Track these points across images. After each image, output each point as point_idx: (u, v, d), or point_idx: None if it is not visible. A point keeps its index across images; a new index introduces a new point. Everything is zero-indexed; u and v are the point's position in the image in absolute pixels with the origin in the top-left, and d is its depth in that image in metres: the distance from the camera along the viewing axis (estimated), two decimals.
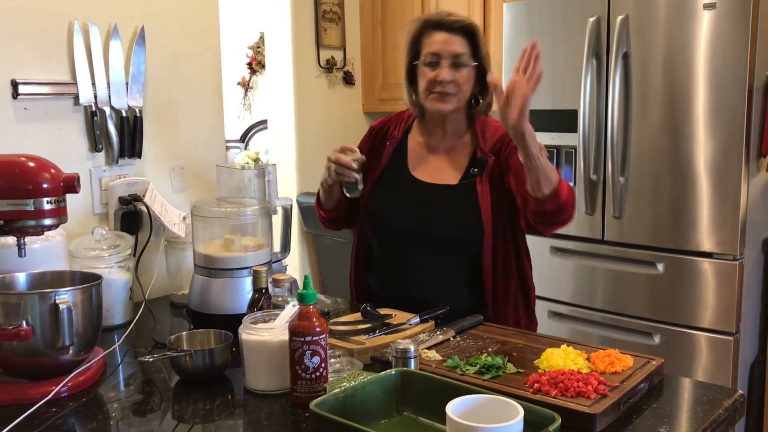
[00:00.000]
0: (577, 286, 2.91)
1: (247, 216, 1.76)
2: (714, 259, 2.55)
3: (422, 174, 1.87)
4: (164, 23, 2.13)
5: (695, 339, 2.60)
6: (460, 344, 1.54)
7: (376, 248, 1.90)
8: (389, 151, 1.91)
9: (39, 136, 1.88)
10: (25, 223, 1.41)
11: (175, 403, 1.39)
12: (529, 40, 2.93)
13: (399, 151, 1.91)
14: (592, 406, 1.19)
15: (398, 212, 1.84)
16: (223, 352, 1.44)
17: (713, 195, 2.52)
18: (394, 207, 1.85)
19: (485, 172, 1.80)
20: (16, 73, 1.82)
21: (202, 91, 2.25)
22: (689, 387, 1.40)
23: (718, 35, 2.44)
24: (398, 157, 1.91)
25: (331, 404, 1.15)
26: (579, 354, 1.40)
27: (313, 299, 1.31)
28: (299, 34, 3.96)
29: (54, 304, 1.37)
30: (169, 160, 2.17)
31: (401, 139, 1.93)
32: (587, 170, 2.79)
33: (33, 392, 1.36)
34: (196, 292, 1.72)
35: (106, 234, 1.85)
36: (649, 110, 2.63)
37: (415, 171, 1.88)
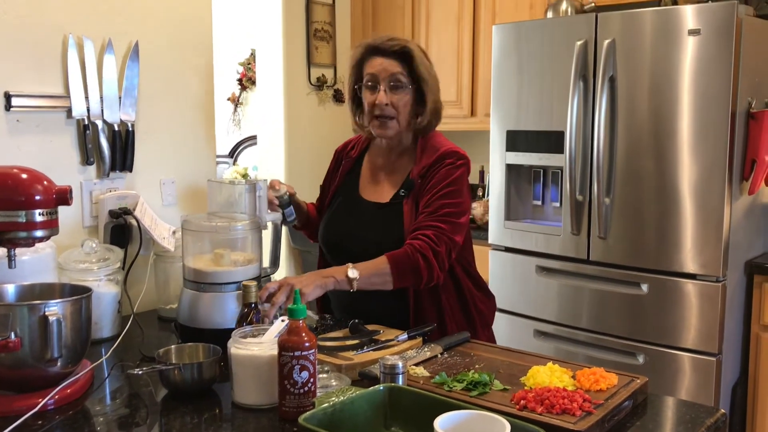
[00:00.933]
0: (562, 305, 2.93)
1: (237, 231, 1.77)
2: (697, 280, 2.58)
3: (367, 192, 1.97)
4: (158, 39, 2.15)
5: (678, 359, 2.62)
6: (447, 361, 1.55)
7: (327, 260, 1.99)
8: (344, 171, 2.03)
9: (31, 148, 1.89)
10: (16, 234, 1.41)
11: (162, 417, 1.39)
12: (518, 61, 2.99)
13: (353, 171, 2.02)
14: (578, 423, 1.21)
15: (336, 228, 1.95)
16: (211, 366, 1.45)
17: (697, 217, 2.56)
18: (335, 223, 1.97)
19: (411, 194, 1.87)
20: (9, 86, 1.83)
21: (194, 106, 2.27)
22: (672, 405, 1.42)
23: (702, 60, 2.50)
24: (352, 176, 2.02)
25: (320, 419, 1.16)
26: (565, 372, 1.42)
27: (302, 314, 1.33)
28: (290, 52, 3.99)
29: (43, 316, 1.37)
30: (159, 174, 2.18)
31: (357, 159, 2.02)
32: (573, 191, 2.82)
33: (19, 404, 1.35)
34: (184, 306, 1.73)
35: (95, 247, 1.85)
36: (635, 133, 2.67)
37: (363, 189, 1.98)
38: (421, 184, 1.86)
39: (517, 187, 3.12)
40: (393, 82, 1.84)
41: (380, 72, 1.84)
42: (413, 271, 1.75)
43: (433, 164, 1.86)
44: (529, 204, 3.12)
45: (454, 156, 1.87)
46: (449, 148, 1.88)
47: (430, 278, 1.77)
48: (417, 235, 1.78)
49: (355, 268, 1.70)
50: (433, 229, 1.78)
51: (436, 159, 1.86)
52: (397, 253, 1.75)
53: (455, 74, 3.80)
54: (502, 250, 3.13)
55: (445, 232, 1.78)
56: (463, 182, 1.86)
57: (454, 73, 3.80)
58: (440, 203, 1.81)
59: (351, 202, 1.97)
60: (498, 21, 3.51)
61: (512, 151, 3.05)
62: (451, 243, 1.79)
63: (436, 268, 1.76)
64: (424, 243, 1.75)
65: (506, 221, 3.10)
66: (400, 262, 1.74)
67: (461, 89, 3.80)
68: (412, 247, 1.75)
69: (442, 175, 1.84)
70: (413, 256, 1.74)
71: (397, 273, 1.74)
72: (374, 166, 1.99)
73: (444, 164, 1.85)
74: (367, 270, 1.71)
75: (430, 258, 1.75)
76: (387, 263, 1.74)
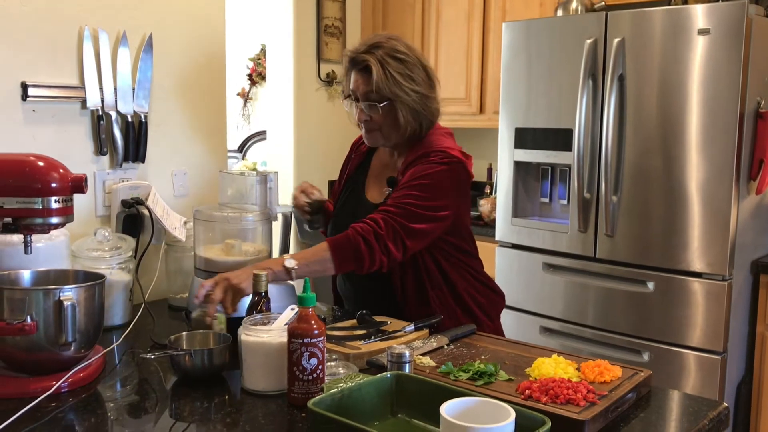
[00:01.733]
0: (568, 302, 2.95)
1: (248, 221, 1.80)
2: (703, 279, 2.59)
3: (370, 191, 1.97)
4: (172, 32, 2.17)
5: (683, 357, 2.64)
6: (453, 352, 1.57)
7: None
8: (353, 165, 2.03)
9: (46, 138, 1.92)
10: (32, 220, 1.44)
11: (173, 401, 1.42)
12: (527, 59, 3.00)
13: (362, 166, 2.02)
14: (582, 413, 1.23)
15: (340, 225, 1.89)
16: (221, 352, 1.47)
17: (704, 216, 2.57)
18: (339, 219, 1.96)
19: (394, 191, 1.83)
20: (26, 76, 1.86)
21: (206, 99, 2.29)
22: (675, 398, 1.43)
23: (712, 60, 2.51)
24: (360, 171, 2.01)
25: (328, 404, 1.18)
26: (569, 363, 1.43)
27: (312, 302, 1.35)
28: (301, 48, 4.02)
29: (58, 301, 1.40)
30: (171, 165, 2.21)
31: (366, 154, 2.02)
32: (581, 189, 2.84)
33: (34, 386, 1.39)
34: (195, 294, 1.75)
35: (108, 236, 1.88)
36: (643, 131, 2.69)
37: (368, 188, 1.98)
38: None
39: (525, 184, 3.13)
40: (365, 100, 1.81)
41: (356, 89, 1.82)
42: (354, 255, 1.69)
43: (414, 161, 1.81)
44: (537, 201, 3.13)
45: (440, 154, 1.79)
46: (438, 147, 1.81)
47: (372, 262, 1.70)
48: (364, 219, 1.74)
49: (292, 257, 1.66)
50: (382, 213, 1.73)
51: (419, 156, 1.81)
52: (338, 238, 1.71)
53: (464, 72, 3.82)
54: (509, 246, 3.15)
55: (394, 216, 1.72)
56: (440, 179, 1.77)
57: (463, 70, 3.82)
58: (402, 193, 1.76)
59: (355, 201, 1.97)
60: (508, 19, 3.52)
61: (521, 148, 3.06)
62: (400, 227, 1.71)
63: (377, 253, 1.69)
64: (367, 226, 1.70)
65: (513, 218, 3.11)
66: (341, 246, 1.69)
67: (470, 87, 3.81)
68: (354, 231, 1.70)
69: (416, 171, 1.78)
70: (354, 240, 1.69)
71: (337, 258, 1.69)
72: (379, 165, 1.99)
73: (426, 161, 1.79)
74: (305, 258, 1.68)
75: (371, 241, 1.69)
76: (327, 249, 1.69)
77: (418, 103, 1.81)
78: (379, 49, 1.78)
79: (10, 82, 1.85)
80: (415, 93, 1.80)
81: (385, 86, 1.77)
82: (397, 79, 1.77)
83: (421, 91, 1.81)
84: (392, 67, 1.77)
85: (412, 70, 1.80)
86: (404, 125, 1.82)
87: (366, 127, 1.86)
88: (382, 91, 1.77)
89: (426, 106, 1.83)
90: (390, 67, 1.77)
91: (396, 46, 1.80)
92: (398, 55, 1.79)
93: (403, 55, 1.80)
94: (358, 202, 1.95)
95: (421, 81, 1.82)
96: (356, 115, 1.85)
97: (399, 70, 1.78)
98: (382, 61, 1.77)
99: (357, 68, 1.82)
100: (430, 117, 1.86)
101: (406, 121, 1.81)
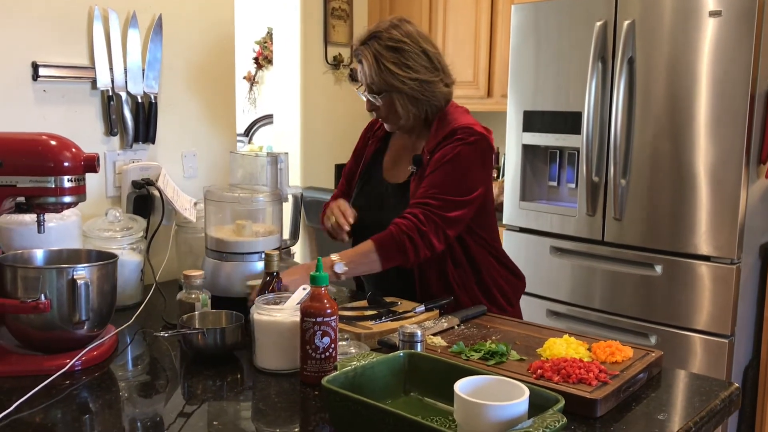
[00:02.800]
0: (575, 285, 2.95)
1: (259, 202, 1.80)
2: (712, 262, 2.59)
3: (389, 173, 1.97)
4: (181, 12, 2.17)
5: (691, 340, 2.64)
6: (464, 332, 1.58)
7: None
8: (371, 149, 2.03)
9: (56, 118, 1.92)
10: (45, 200, 1.44)
11: (186, 380, 1.43)
12: (536, 42, 2.99)
13: (380, 150, 2.02)
14: (593, 392, 1.23)
15: (363, 212, 1.91)
16: (234, 331, 1.48)
17: (713, 199, 2.57)
18: (361, 203, 1.96)
19: (420, 170, 1.84)
20: (36, 56, 1.86)
21: (216, 80, 2.29)
22: (686, 379, 1.44)
23: (723, 42, 2.49)
24: (378, 154, 2.01)
25: (341, 382, 1.18)
26: (581, 344, 1.44)
27: (324, 281, 1.35)
28: (308, 31, 4.00)
29: (72, 280, 1.41)
30: (181, 146, 2.21)
31: (384, 138, 2.02)
32: (590, 172, 2.83)
33: (49, 364, 1.40)
34: (207, 274, 1.75)
35: (119, 216, 1.88)
36: (652, 114, 2.67)
37: (387, 170, 1.98)
38: (430, 160, 1.82)
39: (533, 167, 3.12)
40: (367, 91, 1.84)
41: (360, 79, 1.85)
42: (399, 253, 1.73)
43: (443, 140, 1.80)
44: (545, 185, 3.13)
45: (466, 131, 1.79)
46: (463, 124, 1.81)
47: (417, 257, 1.74)
48: (404, 214, 1.75)
49: (341, 261, 1.69)
50: (421, 207, 1.75)
51: (447, 134, 1.80)
52: (382, 237, 1.73)
53: (472, 55, 3.80)
54: (516, 230, 3.15)
55: (434, 210, 1.74)
56: (469, 158, 1.78)
57: (471, 53, 3.80)
58: (435, 180, 1.77)
59: (375, 184, 1.98)
60: (517, 1, 3.50)
61: (529, 131, 3.05)
62: (441, 221, 1.74)
63: (422, 248, 1.73)
64: (410, 223, 1.73)
65: (521, 202, 3.11)
66: (386, 245, 1.73)
67: (478, 70, 3.80)
68: (398, 228, 1.73)
69: (446, 151, 1.78)
70: (398, 238, 1.72)
71: (383, 257, 1.73)
72: (397, 147, 1.99)
73: (452, 140, 1.79)
74: (353, 260, 1.71)
75: (415, 238, 1.72)
76: (373, 249, 1.72)
77: (417, 90, 1.79)
78: (375, 40, 1.78)
79: (21, 62, 1.85)
80: (414, 81, 1.78)
81: (378, 79, 1.78)
82: (392, 71, 1.77)
83: (420, 77, 1.79)
84: (386, 58, 1.77)
85: (410, 59, 1.78)
86: (404, 114, 1.83)
87: (376, 115, 1.89)
88: (375, 84, 1.80)
89: (428, 92, 1.81)
90: (384, 59, 1.77)
91: (394, 35, 1.78)
92: (394, 45, 1.77)
93: (401, 43, 1.77)
94: (378, 184, 1.97)
95: (420, 68, 1.79)
96: (366, 104, 1.88)
97: (394, 60, 1.77)
98: (376, 54, 1.77)
99: (359, 60, 1.84)
100: (434, 102, 1.84)
101: (405, 110, 1.82)
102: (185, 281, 1.60)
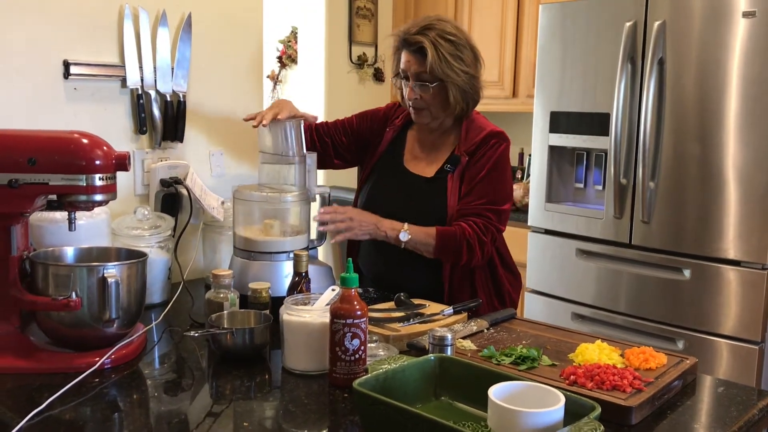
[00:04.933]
0: (601, 289, 2.92)
1: (287, 202, 1.80)
2: (741, 267, 2.55)
3: (410, 164, 2.00)
4: (210, 11, 2.17)
5: (719, 346, 2.60)
6: (494, 336, 1.56)
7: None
8: (388, 138, 2.05)
9: (86, 116, 1.93)
10: (77, 198, 1.44)
11: (214, 380, 1.43)
12: (563, 42, 2.95)
13: (397, 140, 2.04)
14: (628, 399, 1.21)
15: (380, 198, 1.99)
16: (263, 332, 1.48)
17: (743, 203, 2.52)
18: (379, 192, 2.00)
19: (457, 170, 1.91)
20: (67, 54, 1.87)
21: (243, 79, 2.29)
22: (722, 387, 1.41)
23: (756, 43, 2.45)
24: (396, 145, 2.04)
25: (372, 385, 1.17)
26: (613, 350, 1.42)
27: (354, 283, 1.34)
28: (333, 30, 4.00)
29: (102, 278, 1.41)
30: (209, 145, 2.22)
31: (401, 128, 2.05)
32: (617, 174, 2.80)
33: (79, 362, 1.40)
34: (234, 273, 1.75)
35: (147, 214, 1.89)
36: (682, 116, 2.64)
37: (407, 161, 2.01)
38: (469, 161, 1.91)
39: (560, 169, 3.09)
40: (417, 80, 1.86)
41: (407, 68, 1.88)
42: (455, 252, 1.84)
43: (481, 143, 1.91)
44: (571, 186, 3.10)
45: (500, 136, 1.93)
46: (493, 128, 1.94)
47: (468, 262, 1.86)
48: (468, 220, 1.84)
49: (408, 231, 1.81)
50: (482, 219, 1.85)
51: (484, 138, 1.91)
52: (447, 231, 1.83)
53: (498, 55, 3.77)
54: (541, 232, 3.12)
55: (492, 223, 1.87)
56: (506, 164, 1.94)
57: (496, 53, 3.77)
58: (487, 190, 1.88)
59: (397, 173, 2.00)
60: (544, 0, 3.47)
61: (555, 132, 3.02)
62: (496, 233, 1.89)
63: (477, 256, 1.85)
64: (473, 232, 1.83)
65: (547, 203, 3.08)
66: (448, 240, 1.83)
67: (504, 70, 3.77)
68: (462, 232, 1.83)
69: (490, 157, 1.89)
70: (460, 240, 1.82)
71: (440, 248, 1.84)
72: (417, 141, 2.03)
73: (490, 145, 1.91)
74: (416, 237, 1.82)
75: (474, 247, 1.83)
76: (435, 237, 1.82)
77: (467, 83, 1.87)
78: (431, 31, 1.83)
79: (53, 60, 1.86)
80: (465, 74, 1.86)
81: (438, 67, 1.82)
82: (449, 61, 1.83)
83: (469, 72, 1.88)
84: (444, 48, 1.82)
85: (462, 52, 1.86)
86: (453, 105, 1.89)
87: (415, 105, 1.90)
88: (434, 72, 1.83)
89: (473, 86, 1.90)
90: (442, 48, 1.82)
91: (446, 28, 1.85)
92: (449, 37, 1.84)
93: (454, 36, 1.85)
94: (399, 172, 2.00)
95: (469, 62, 1.88)
96: (406, 94, 1.90)
97: (450, 51, 1.83)
98: (435, 43, 1.82)
99: (409, 49, 1.86)
100: (476, 97, 1.93)
101: (455, 101, 1.87)
102: (214, 280, 1.60)
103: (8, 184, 1.38)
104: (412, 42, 1.85)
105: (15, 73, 1.80)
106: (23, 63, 1.81)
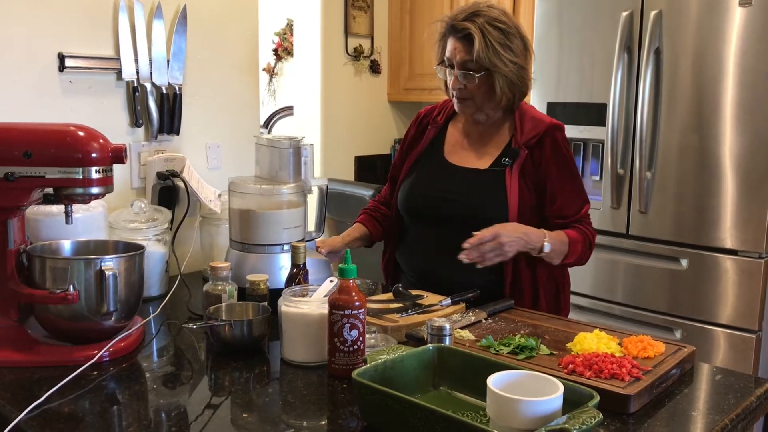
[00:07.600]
0: (598, 279, 2.92)
1: (283, 194, 1.79)
2: (738, 256, 2.55)
3: (455, 158, 1.90)
4: (205, 3, 2.16)
5: (716, 335, 2.61)
6: (492, 326, 1.56)
7: (407, 226, 1.95)
8: (430, 135, 1.96)
9: (82, 109, 1.92)
10: (73, 191, 1.44)
11: (213, 372, 1.43)
12: (559, 32, 2.94)
13: (439, 136, 1.95)
14: (627, 387, 1.22)
15: (426, 191, 1.88)
16: (261, 323, 1.48)
17: (740, 192, 2.53)
18: (423, 186, 1.90)
19: (516, 163, 1.81)
20: (63, 47, 1.86)
21: (239, 71, 2.28)
22: (720, 375, 1.41)
23: (752, 32, 2.44)
24: (437, 141, 1.95)
25: (371, 375, 1.17)
26: (612, 339, 1.42)
27: (353, 274, 1.34)
28: (328, 22, 3.98)
29: (100, 271, 1.41)
30: (205, 138, 2.21)
31: (443, 125, 1.96)
32: (614, 164, 2.80)
33: (77, 355, 1.40)
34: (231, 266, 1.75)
35: (144, 207, 1.89)
36: (679, 106, 2.63)
37: (449, 154, 1.91)
38: (532, 155, 1.81)
39: None
40: (462, 69, 1.76)
41: (453, 56, 1.78)
42: (579, 256, 1.82)
43: (543, 136, 1.81)
44: None
45: (561, 129, 1.85)
46: (552, 121, 1.85)
47: (577, 264, 1.86)
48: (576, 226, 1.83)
49: (549, 242, 1.74)
50: (583, 224, 1.85)
51: (546, 131, 1.81)
52: (577, 237, 1.80)
53: None
54: None
55: (591, 227, 1.88)
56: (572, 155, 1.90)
57: None
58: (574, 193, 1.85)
59: (439, 167, 1.91)
60: None
61: None
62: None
63: (585, 259, 1.86)
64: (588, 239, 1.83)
65: None
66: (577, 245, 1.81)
67: None
68: (588, 241, 1.83)
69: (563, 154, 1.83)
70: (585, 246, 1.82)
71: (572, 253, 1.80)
72: (463, 133, 1.93)
73: (558, 139, 1.82)
74: (556, 248, 1.77)
75: (588, 254, 1.85)
76: (568, 244, 1.79)
77: (515, 74, 1.77)
78: (479, 17, 1.73)
79: (48, 53, 1.85)
80: (513, 64, 1.76)
81: (485, 56, 1.72)
82: (497, 49, 1.73)
83: (518, 62, 1.77)
84: (493, 36, 1.72)
85: (512, 41, 1.75)
86: (499, 96, 1.79)
87: (459, 94, 1.81)
88: (481, 61, 1.73)
89: (521, 78, 1.79)
90: (491, 36, 1.72)
91: (496, 15, 1.75)
92: (498, 24, 1.74)
93: (503, 24, 1.74)
94: (442, 167, 1.90)
95: (519, 52, 1.77)
96: (450, 83, 1.81)
97: (499, 39, 1.73)
98: (483, 30, 1.72)
99: (456, 36, 1.76)
100: (524, 89, 1.82)
101: (501, 92, 1.77)
102: (211, 273, 1.60)
103: (4, 177, 1.38)
104: (459, 28, 1.74)
105: (10, 67, 1.80)
106: (18, 56, 1.81)
